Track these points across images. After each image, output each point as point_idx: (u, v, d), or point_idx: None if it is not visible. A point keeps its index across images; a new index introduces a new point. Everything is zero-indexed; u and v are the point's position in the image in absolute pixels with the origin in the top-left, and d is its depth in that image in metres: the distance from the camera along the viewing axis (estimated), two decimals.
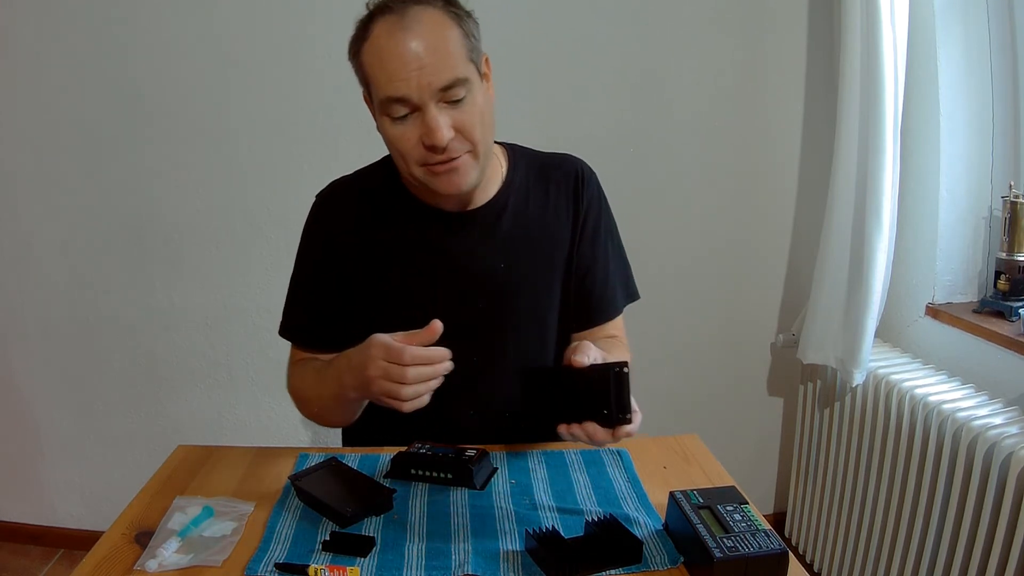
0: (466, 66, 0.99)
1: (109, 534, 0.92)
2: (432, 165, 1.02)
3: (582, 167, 1.22)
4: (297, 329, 1.20)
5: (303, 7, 1.87)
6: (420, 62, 0.95)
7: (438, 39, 0.97)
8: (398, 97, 0.97)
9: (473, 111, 1.01)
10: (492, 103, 1.06)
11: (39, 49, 1.88)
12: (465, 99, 1.00)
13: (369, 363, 0.93)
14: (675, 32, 1.96)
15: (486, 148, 1.05)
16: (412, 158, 1.02)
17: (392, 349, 0.91)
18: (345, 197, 1.18)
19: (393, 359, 0.91)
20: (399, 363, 0.90)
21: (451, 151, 1.00)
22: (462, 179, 1.03)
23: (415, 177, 1.05)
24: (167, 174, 1.95)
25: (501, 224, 1.15)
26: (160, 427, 2.11)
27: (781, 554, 0.83)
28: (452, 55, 0.97)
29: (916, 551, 1.56)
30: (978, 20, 1.67)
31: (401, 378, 0.90)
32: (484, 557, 0.88)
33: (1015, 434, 1.38)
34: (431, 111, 0.98)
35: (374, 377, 0.92)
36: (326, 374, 1.07)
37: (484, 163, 1.07)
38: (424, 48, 0.96)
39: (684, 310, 2.10)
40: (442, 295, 1.14)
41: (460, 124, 1.00)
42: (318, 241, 1.17)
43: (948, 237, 1.74)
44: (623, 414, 0.89)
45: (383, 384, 0.92)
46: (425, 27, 0.97)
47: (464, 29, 1.00)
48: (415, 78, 0.96)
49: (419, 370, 0.90)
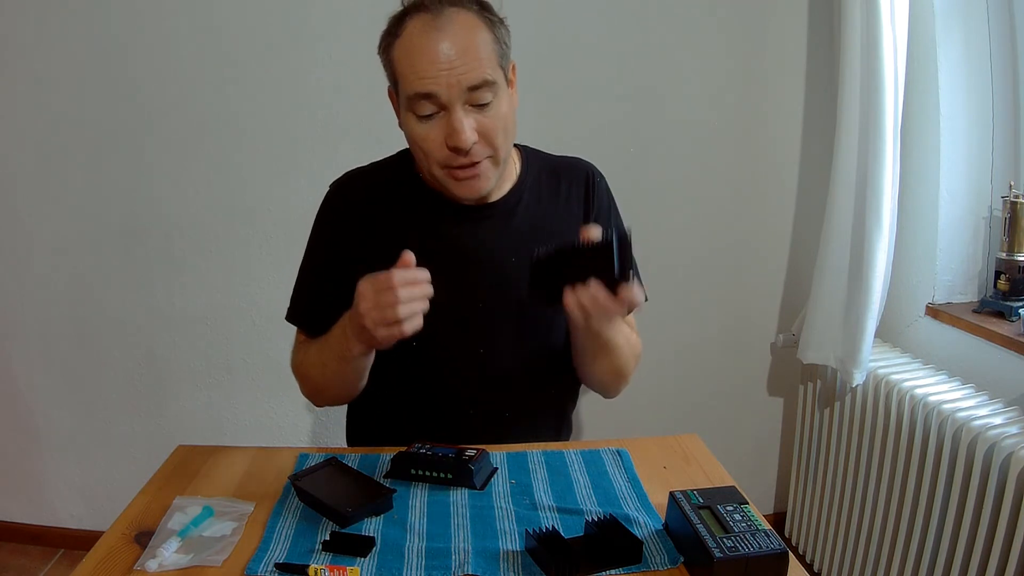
0: (495, 70, 1.01)
1: (109, 534, 0.92)
2: (453, 169, 1.03)
3: (593, 170, 1.24)
4: (305, 314, 1.20)
5: (303, 7, 1.87)
6: (451, 62, 0.97)
7: (470, 41, 0.99)
8: (426, 93, 0.99)
9: (498, 117, 1.02)
10: (515, 111, 1.08)
11: (39, 49, 1.87)
12: (491, 104, 1.01)
13: (360, 301, 0.95)
14: (675, 32, 1.96)
15: (505, 155, 1.07)
16: (434, 158, 1.04)
17: (378, 278, 0.94)
18: (359, 186, 1.19)
19: (381, 286, 0.93)
20: (388, 288, 0.93)
21: (473, 155, 1.02)
22: (481, 184, 1.06)
23: (435, 178, 1.07)
24: (167, 174, 1.95)
25: (513, 220, 1.16)
26: (160, 427, 2.11)
27: (781, 554, 0.83)
28: (482, 58, 0.99)
29: (916, 551, 1.56)
30: (978, 20, 1.67)
31: (393, 301, 0.92)
32: (484, 557, 0.88)
33: (1015, 434, 1.38)
34: (457, 112, 0.99)
35: (367, 310, 0.94)
36: (329, 339, 1.09)
37: (502, 170, 1.09)
38: (456, 48, 0.97)
39: (684, 310, 2.10)
40: (451, 285, 1.14)
41: (484, 129, 1.01)
42: (330, 228, 1.18)
43: (948, 237, 1.74)
44: (623, 275, 0.90)
45: (377, 314, 0.94)
46: (458, 28, 0.99)
47: (495, 34, 1.03)
48: (444, 76, 0.97)
49: (408, 289, 0.93)
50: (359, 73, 1.89)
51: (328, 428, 2.12)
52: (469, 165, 1.03)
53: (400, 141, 1.23)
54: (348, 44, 1.86)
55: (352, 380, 1.12)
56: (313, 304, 1.19)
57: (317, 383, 1.16)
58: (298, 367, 1.19)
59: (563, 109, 1.95)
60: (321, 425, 2.13)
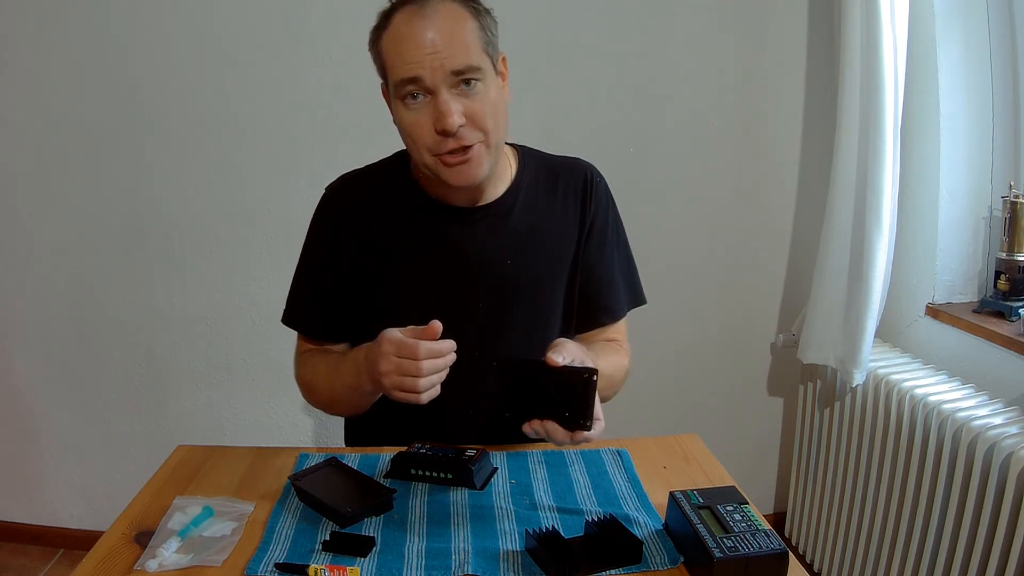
0: (480, 57, 1.02)
1: (109, 534, 0.92)
2: (445, 155, 1.03)
3: (591, 171, 1.23)
4: (300, 317, 1.21)
5: (303, 7, 1.87)
6: (435, 46, 0.98)
7: (455, 27, 1.00)
8: (412, 78, 1.00)
9: (485, 100, 1.03)
10: (507, 101, 1.08)
11: (39, 49, 1.87)
12: (478, 88, 1.02)
13: (381, 359, 0.95)
14: (675, 32, 1.96)
15: (498, 140, 1.06)
16: (424, 145, 1.03)
17: (405, 345, 0.93)
18: (355, 189, 1.19)
19: (406, 354, 0.93)
20: (412, 358, 0.93)
21: (463, 138, 1.02)
22: (474, 171, 1.05)
23: (427, 166, 1.06)
24: (167, 174, 1.95)
25: (509, 221, 1.16)
26: (160, 427, 2.11)
27: (781, 554, 0.83)
28: (467, 43, 1.00)
29: (916, 551, 1.56)
30: (978, 20, 1.67)
31: (416, 371, 0.93)
32: (484, 557, 0.88)
33: (1015, 434, 1.38)
34: (443, 95, 1.00)
35: (387, 372, 0.95)
36: (340, 367, 1.10)
37: (496, 156, 1.08)
38: (441, 35, 0.99)
39: (684, 310, 2.10)
40: (448, 289, 1.15)
41: (471, 112, 1.02)
42: (326, 231, 1.18)
43: (948, 237, 1.74)
44: (583, 420, 0.92)
45: (397, 379, 0.94)
46: (442, 16, 1.00)
47: (481, 23, 1.03)
48: (429, 60, 0.98)
49: (432, 362, 0.93)
50: (359, 73, 1.88)
51: (328, 428, 2.12)
52: (460, 150, 1.02)
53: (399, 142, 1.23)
54: (348, 44, 1.85)
55: (362, 404, 1.13)
56: (310, 307, 1.19)
57: (324, 399, 1.17)
58: (305, 382, 1.19)
59: (563, 109, 1.95)
60: (321, 425, 2.13)
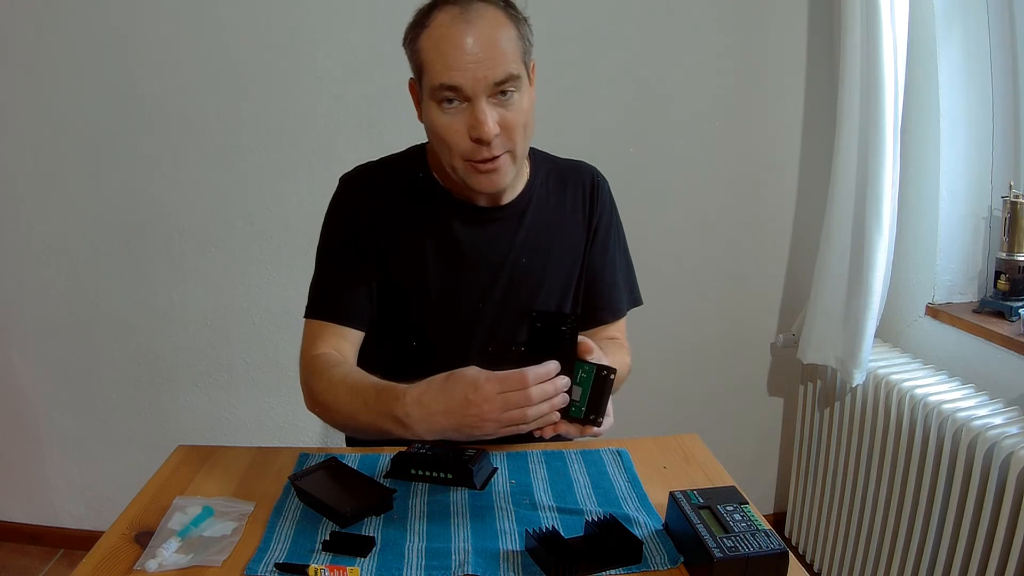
0: (519, 65, 1.03)
1: (109, 534, 0.92)
2: (475, 162, 1.04)
3: (596, 175, 1.26)
4: (329, 304, 1.16)
5: (303, 7, 1.87)
6: (477, 55, 0.99)
7: (496, 35, 1.01)
8: (452, 85, 1.00)
9: (519, 111, 1.04)
10: (534, 108, 1.09)
11: (39, 49, 1.87)
12: (514, 98, 1.03)
13: (483, 403, 0.90)
14: (675, 32, 1.96)
15: (523, 151, 1.09)
16: (457, 150, 1.04)
17: (509, 378, 0.90)
18: (370, 181, 1.19)
19: (512, 387, 0.90)
20: (520, 388, 0.90)
21: (494, 148, 1.03)
22: (500, 179, 1.07)
23: (455, 170, 1.07)
24: (167, 174, 1.95)
25: (524, 221, 1.18)
26: (160, 427, 2.11)
27: (781, 554, 0.83)
28: (507, 52, 1.01)
29: (916, 551, 1.56)
30: (978, 20, 1.67)
31: (526, 401, 0.90)
32: (484, 557, 0.88)
33: (1015, 434, 1.38)
34: (481, 103, 1.01)
35: (494, 413, 0.90)
36: (370, 404, 1.01)
37: (519, 166, 1.10)
38: (482, 43, 0.99)
39: (684, 310, 2.10)
40: (463, 284, 1.16)
41: (506, 122, 1.03)
42: (345, 218, 1.17)
43: (948, 237, 1.74)
44: (595, 416, 0.93)
45: (505, 415, 0.90)
46: (485, 23, 1.00)
47: (520, 31, 1.05)
48: (471, 70, 0.99)
49: (542, 387, 0.91)
50: (359, 73, 1.89)
51: (328, 428, 2.10)
52: (491, 159, 1.04)
53: (402, 140, 1.23)
54: (348, 44, 1.86)
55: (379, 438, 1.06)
56: (337, 292, 1.16)
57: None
58: (319, 399, 1.10)
59: (563, 109, 1.95)
60: (321, 425, 2.12)
